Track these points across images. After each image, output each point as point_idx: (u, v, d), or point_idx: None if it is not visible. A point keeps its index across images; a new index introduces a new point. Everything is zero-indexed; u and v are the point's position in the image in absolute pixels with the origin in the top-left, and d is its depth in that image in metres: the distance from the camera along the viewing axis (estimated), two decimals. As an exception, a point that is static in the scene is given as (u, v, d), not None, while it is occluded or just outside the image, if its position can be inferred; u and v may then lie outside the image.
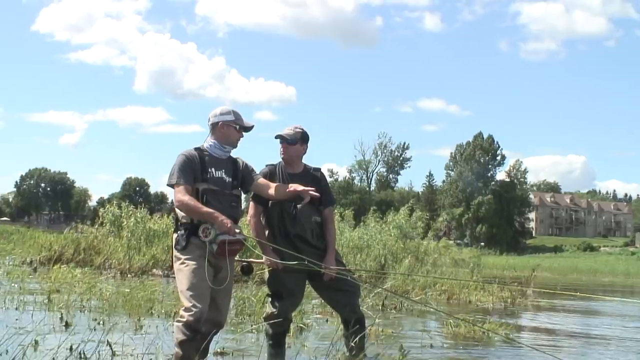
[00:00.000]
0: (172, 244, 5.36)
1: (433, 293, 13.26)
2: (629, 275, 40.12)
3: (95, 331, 7.00)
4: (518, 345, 8.06)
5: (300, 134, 5.90)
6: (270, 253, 5.73)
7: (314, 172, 5.99)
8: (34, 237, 24.56)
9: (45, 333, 6.65)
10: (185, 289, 5.10)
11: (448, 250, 22.78)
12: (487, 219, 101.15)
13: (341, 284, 5.86)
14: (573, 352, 7.96)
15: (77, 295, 9.71)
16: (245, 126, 5.47)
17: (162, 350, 6.10)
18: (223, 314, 5.44)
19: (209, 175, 5.30)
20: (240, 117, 5.48)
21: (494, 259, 50.78)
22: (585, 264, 54.63)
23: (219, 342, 6.47)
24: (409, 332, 8.99)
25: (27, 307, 8.85)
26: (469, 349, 7.78)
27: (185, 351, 5.00)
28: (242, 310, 9.08)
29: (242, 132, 5.48)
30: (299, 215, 5.78)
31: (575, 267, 45.89)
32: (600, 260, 72.07)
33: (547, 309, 14.21)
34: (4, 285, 11.18)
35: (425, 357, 6.77)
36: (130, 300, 9.11)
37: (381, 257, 18.20)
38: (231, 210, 5.35)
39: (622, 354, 7.96)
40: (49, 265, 15.33)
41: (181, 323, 5.01)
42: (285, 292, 5.81)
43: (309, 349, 6.54)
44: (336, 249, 6.10)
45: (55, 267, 13.40)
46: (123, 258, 16.59)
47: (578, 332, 10.38)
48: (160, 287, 11.47)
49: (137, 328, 7.49)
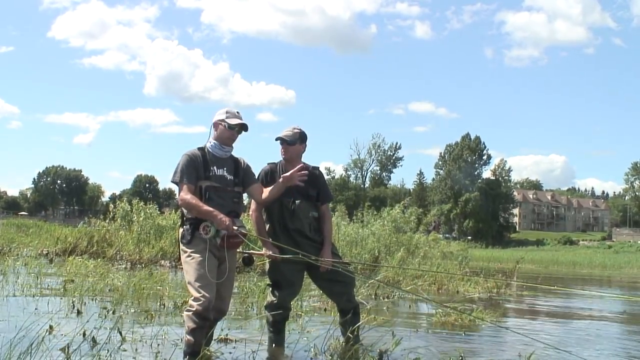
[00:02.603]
0: (178, 237, 5.39)
1: (423, 283, 13.24)
2: (605, 267, 40.27)
3: (107, 318, 6.99)
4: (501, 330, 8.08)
5: (299, 134, 5.89)
6: (270, 246, 5.73)
7: (313, 170, 5.97)
8: (50, 230, 24.55)
9: (60, 319, 6.63)
10: (193, 280, 5.12)
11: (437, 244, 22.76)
12: (474, 214, 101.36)
13: (337, 275, 5.85)
14: (554, 335, 7.96)
15: (90, 285, 9.70)
16: (231, 124, 5.40)
17: (168, 336, 6.10)
18: (226, 303, 5.47)
19: (211, 173, 5.31)
20: (232, 116, 5.43)
21: (480, 252, 50.86)
22: (565, 256, 54.69)
23: (223, 330, 6.46)
24: (400, 320, 8.99)
25: (43, 295, 8.83)
26: (455, 335, 7.77)
27: (196, 338, 5.05)
28: (244, 299, 9.07)
29: (235, 132, 5.44)
30: (297, 210, 5.78)
31: (556, 259, 45.97)
32: (579, 253, 72.18)
33: (529, 298, 14.22)
34: (22, 274, 11.15)
35: (415, 343, 6.75)
36: (139, 290, 9.10)
37: (375, 250, 18.21)
38: (233, 206, 5.37)
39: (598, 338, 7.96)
40: (64, 257, 15.31)
41: (191, 312, 5.04)
42: (284, 282, 5.80)
43: (308, 335, 6.53)
44: (333, 243, 6.09)
45: (70, 258, 13.37)
46: (133, 250, 16.57)
47: (558, 315, 10.39)
48: (168, 277, 11.47)
49: (146, 316, 7.48)
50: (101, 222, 19.74)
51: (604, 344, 7.66)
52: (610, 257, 61.74)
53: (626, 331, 9.37)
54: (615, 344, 7.73)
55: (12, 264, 12.81)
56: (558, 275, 27.25)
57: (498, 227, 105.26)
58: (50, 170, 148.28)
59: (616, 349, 7.40)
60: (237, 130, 5.45)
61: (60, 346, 4.93)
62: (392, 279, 13.35)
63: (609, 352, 7.17)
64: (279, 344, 5.79)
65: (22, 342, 4.54)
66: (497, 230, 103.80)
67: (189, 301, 5.17)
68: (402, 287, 12.92)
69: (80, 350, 4.99)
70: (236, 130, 5.44)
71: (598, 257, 59.72)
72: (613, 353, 7.11)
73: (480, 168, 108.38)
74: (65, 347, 4.86)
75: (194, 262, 5.17)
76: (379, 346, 5.88)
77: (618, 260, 50.80)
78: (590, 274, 32.40)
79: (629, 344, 7.85)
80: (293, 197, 5.78)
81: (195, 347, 5.03)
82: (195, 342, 5.04)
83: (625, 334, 9.13)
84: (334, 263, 5.80)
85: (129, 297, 8.68)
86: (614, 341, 8.04)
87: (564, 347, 6.74)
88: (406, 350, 6.06)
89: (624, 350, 7.26)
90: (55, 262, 14.80)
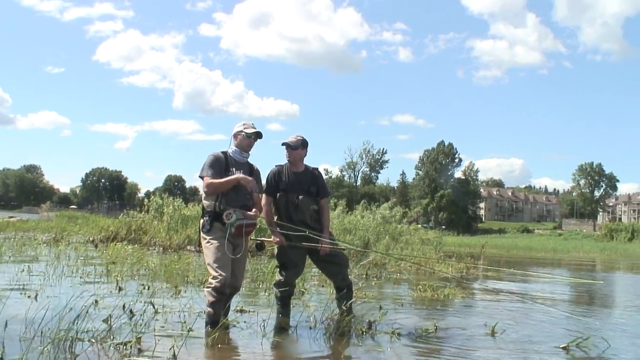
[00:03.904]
0: (200, 227, 5.40)
1: (405, 265, 13.23)
2: (556, 251, 40.34)
3: (142, 294, 6.99)
4: (470, 304, 8.08)
5: (301, 141, 5.88)
6: (278, 234, 5.72)
7: (313, 170, 5.97)
8: (95, 221, 24.56)
9: (104, 295, 6.63)
10: (211, 261, 5.15)
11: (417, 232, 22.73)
12: (447, 207, 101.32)
13: (333, 257, 5.85)
14: (513, 307, 7.95)
15: (129, 266, 9.70)
16: (247, 133, 5.45)
17: (194, 309, 6.09)
18: (240, 280, 5.50)
19: (230, 173, 5.32)
20: (249, 127, 5.49)
21: (452, 239, 50.87)
22: (523, 242, 54.84)
23: (238, 302, 6.45)
24: (386, 295, 8.98)
25: (89, 275, 8.83)
26: (432, 308, 7.77)
27: (215, 309, 5.10)
28: (256, 278, 9.06)
29: (252, 139, 5.48)
30: (300, 204, 5.77)
31: (515, 245, 45.97)
32: (534, 240, 72.29)
33: (492, 276, 14.21)
34: (72, 257, 11.14)
35: (399, 315, 6.75)
36: (169, 270, 9.09)
37: (365, 237, 18.19)
38: (246, 200, 5.40)
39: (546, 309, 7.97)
40: (107, 243, 15.31)
41: (210, 288, 5.07)
42: (290, 263, 5.79)
43: (309, 308, 6.52)
44: (330, 231, 6.08)
45: (112, 244, 13.38)
46: (164, 237, 16.58)
47: (516, 292, 10.39)
48: (193, 259, 11.46)
49: (175, 292, 7.47)
50: (137, 214, 19.74)
51: (551, 322, 7.65)
52: (560, 243, 61.82)
53: (570, 310, 9.35)
54: (561, 322, 7.71)
55: (64, 248, 12.81)
56: (517, 259, 27.22)
57: (467, 218, 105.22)
58: (96, 171, 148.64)
59: (560, 326, 7.39)
60: (254, 138, 5.49)
61: (103, 317, 4.92)
62: (379, 262, 13.34)
63: (555, 328, 7.16)
64: (285, 315, 5.78)
65: (70, 314, 4.54)
66: (467, 220, 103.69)
67: (209, 279, 5.20)
68: (387, 269, 12.96)
69: (120, 320, 4.99)
70: (252, 137, 5.48)
71: (550, 243, 59.85)
72: (560, 328, 7.10)
73: (452, 169, 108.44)
74: (108, 318, 4.85)
75: (212, 247, 5.20)
76: (368, 317, 5.88)
77: (566, 245, 50.87)
78: (544, 257, 32.37)
79: (571, 321, 7.84)
80: (297, 193, 5.78)
81: (215, 317, 5.08)
82: (215, 313, 5.09)
83: (568, 312, 9.13)
84: (331, 248, 5.80)
85: (161, 276, 8.68)
86: (560, 319, 8.03)
87: (523, 322, 6.74)
88: (391, 321, 6.06)
89: (564, 329, 7.26)
90: (100, 248, 14.79)
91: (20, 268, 9.19)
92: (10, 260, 10.27)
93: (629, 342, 6.12)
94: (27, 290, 6.91)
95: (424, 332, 5.84)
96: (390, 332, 5.63)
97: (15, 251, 12.20)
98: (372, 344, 5.20)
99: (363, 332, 5.53)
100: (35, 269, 9.20)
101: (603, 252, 43.51)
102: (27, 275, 8.50)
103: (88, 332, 4.56)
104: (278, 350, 4.94)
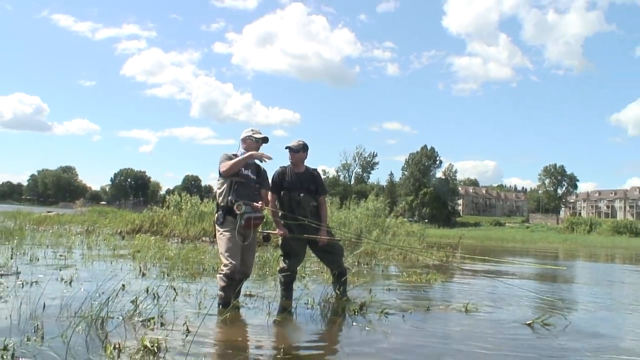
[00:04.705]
0: (214, 220, 5.40)
1: (393, 253, 13.25)
2: (524, 242, 40.45)
3: (164, 279, 7.00)
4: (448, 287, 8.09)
5: (302, 145, 5.89)
6: (282, 227, 5.73)
7: (312, 171, 5.98)
8: (122, 215, 24.53)
9: (130, 280, 6.64)
10: (223, 250, 5.16)
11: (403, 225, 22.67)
12: (430, 203, 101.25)
13: (331, 248, 5.85)
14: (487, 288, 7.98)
15: (152, 255, 9.70)
16: (256, 137, 5.47)
17: (208, 292, 6.11)
18: (249, 268, 5.50)
19: (240, 172, 5.34)
20: (257, 132, 5.52)
21: (434, 231, 50.91)
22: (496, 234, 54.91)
23: (247, 287, 6.47)
24: (376, 280, 8.99)
25: (118, 262, 8.83)
26: (416, 291, 7.79)
27: (226, 293, 5.10)
28: (263, 265, 9.07)
29: (259, 144, 5.49)
30: (301, 201, 5.77)
31: (489, 236, 46.07)
32: (505, 232, 72.34)
33: (469, 264, 14.23)
34: (102, 247, 11.15)
35: (387, 296, 6.77)
36: (187, 258, 9.10)
37: (358, 229, 18.15)
38: (254, 197, 5.41)
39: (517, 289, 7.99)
40: (132, 234, 15.33)
41: (222, 274, 5.08)
42: (292, 253, 5.80)
43: (309, 291, 6.54)
44: (328, 224, 6.08)
45: (137, 235, 13.39)
46: (183, 229, 16.58)
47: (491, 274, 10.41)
48: (208, 249, 11.46)
49: (192, 277, 7.48)
50: (159, 209, 19.73)
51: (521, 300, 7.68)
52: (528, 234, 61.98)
53: (536, 290, 9.36)
54: (527, 302, 7.73)
55: (95, 239, 12.81)
56: (490, 248, 27.25)
57: (447, 213, 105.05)
58: (123, 172, 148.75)
59: (527, 305, 7.42)
60: (260, 142, 5.50)
61: (131, 299, 4.93)
62: (370, 251, 13.35)
63: (522, 307, 7.19)
64: (287, 298, 5.78)
65: (102, 297, 4.56)
66: (446, 215, 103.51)
67: (220, 266, 5.20)
68: (377, 257, 12.96)
69: (145, 302, 5.01)
70: (260, 142, 5.49)
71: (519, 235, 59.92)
72: (526, 307, 7.13)
73: (434, 170, 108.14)
74: (135, 299, 4.86)
75: (224, 238, 5.20)
76: (360, 299, 5.89)
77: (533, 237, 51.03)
78: (514, 246, 32.40)
79: (537, 301, 7.86)
80: (299, 191, 5.78)
81: (226, 299, 5.07)
82: (226, 296, 5.09)
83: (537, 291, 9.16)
84: (328, 239, 5.81)
85: (180, 263, 8.69)
86: (526, 299, 8.05)
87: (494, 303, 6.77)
88: (380, 302, 6.09)
89: (531, 308, 7.28)
90: (126, 238, 14.80)
91: (57, 256, 9.20)
92: (49, 250, 10.27)
93: (587, 319, 6.14)
94: (63, 276, 6.92)
95: (408, 312, 5.87)
96: (379, 312, 5.64)
97: (52, 242, 12.20)
98: (363, 323, 5.21)
99: (355, 312, 5.54)
100: (70, 258, 9.21)
101: (565, 242, 43.61)
102: (63, 262, 8.51)
103: (117, 312, 4.58)
104: (280, 327, 4.96)
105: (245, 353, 4.02)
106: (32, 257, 8.77)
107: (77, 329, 4.04)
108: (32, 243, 11.42)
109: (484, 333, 5.08)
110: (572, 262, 18.84)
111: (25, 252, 9.44)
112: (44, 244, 11.31)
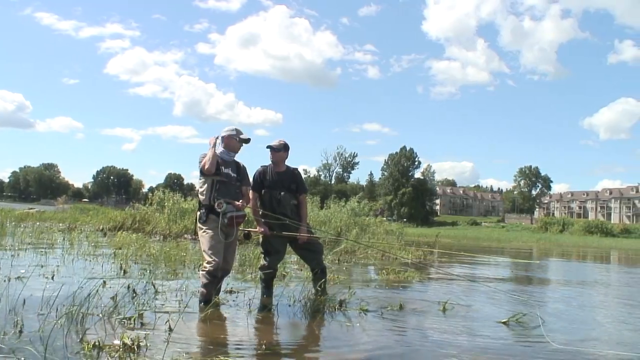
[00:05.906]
0: (196, 218, 5.35)
1: (372, 252, 13.27)
2: (500, 241, 40.88)
3: (145, 276, 6.92)
4: (426, 284, 8.13)
5: (283, 144, 5.88)
6: (263, 225, 5.71)
7: (293, 170, 5.96)
8: (104, 212, 24.24)
9: (111, 277, 6.56)
10: (206, 248, 5.12)
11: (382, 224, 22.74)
12: (408, 203, 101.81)
13: (310, 246, 5.85)
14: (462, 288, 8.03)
15: (133, 252, 9.59)
16: (242, 138, 5.44)
17: (189, 288, 6.06)
18: (230, 264, 5.47)
19: (221, 171, 5.30)
20: (240, 132, 5.47)
21: (412, 230, 51.24)
22: (472, 233, 55.45)
23: (228, 284, 6.43)
24: (355, 278, 9.01)
25: (99, 259, 8.72)
26: (394, 289, 7.81)
27: (208, 290, 5.07)
28: (244, 262, 9.03)
29: (242, 143, 5.46)
30: (282, 199, 5.76)
31: (465, 235, 46.53)
32: (481, 231, 73.00)
33: (446, 262, 14.34)
34: (84, 244, 10.99)
35: (366, 294, 6.78)
36: (168, 256, 9.01)
37: (338, 227, 18.15)
38: (235, 195, 5.39)
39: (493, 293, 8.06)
40: (114, 232, 15.14)
41: (204, 271, 5.04)
42: (273, 250, 5.78)
43: (289, 289, 6.52)
44: (308, 222, 6.07)
45: (119, 232, 13.23)
46: (165, 227, 16.42)
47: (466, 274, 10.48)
48: (190, 246, 11.37)
49: (173, 274, 7.41)
50: (142, 206, 19.53)
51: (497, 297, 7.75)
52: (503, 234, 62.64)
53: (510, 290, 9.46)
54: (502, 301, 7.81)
55: (76, 236, 12.62)
56: (467, 247, 27.49)
57: (425, 212, 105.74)
58: (105, 169, 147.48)
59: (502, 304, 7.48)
60: (243, 143, 5.48)
61: (110, 295, 4.87)
62: (349, 249, 13.35)
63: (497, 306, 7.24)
64: (268, 295, 5.77)
65: (82, 292, 4.49)
66: (424, 214, 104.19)
67: (203, 264, 5.16)
68: (357, 256, 12.99)
69: (125, 299, 4.95)
70: (242, 143, 5.47)
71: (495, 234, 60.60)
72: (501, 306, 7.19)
73: (413, 170, 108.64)
74: (114, 296, 4.80)
75: (207, 236, 5.16)
76: (339, 296, 5.89)
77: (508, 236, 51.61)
78: (489, 245, 32.76)
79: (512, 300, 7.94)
80: (279, 190, 5.77)
81: (208, 296, 5.04)
82: (208, 292, 5.05)
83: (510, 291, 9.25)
84: (308, 237, 5.80)
85: (161, 261, 8.60)
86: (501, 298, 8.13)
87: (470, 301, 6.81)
88: (359, 299, 6.10)
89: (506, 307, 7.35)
90: (108, 236, 14.62)
91: (38, 253, 9.05)
92: (30, 246, 10.10)
93: (559, 317, 6.22)
94: (45, 272, 6.81)
95: (386, 309, 5.88)
96: (359, 308, 5.65)
97: (34, 238, 12.00)
98: (342, 319, 5.21)
99: (335, 309, 5.55)
100: (52, 254, 9.07)
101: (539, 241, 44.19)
102: (44, 259, 8.38)
103: (97, 308, 4.52)
104: (261, 324, 4.93)
105: (226, 349, 3.99)
106: (13, 254, 8.61)
107: (56, 324, 3.97)
108: (13, 240, 11.21)
109: (460, 330, 5.12)
110: (545, 261, 19.08)
111: (6, 249, 9.27)
112: (25, 241, 11.12)
